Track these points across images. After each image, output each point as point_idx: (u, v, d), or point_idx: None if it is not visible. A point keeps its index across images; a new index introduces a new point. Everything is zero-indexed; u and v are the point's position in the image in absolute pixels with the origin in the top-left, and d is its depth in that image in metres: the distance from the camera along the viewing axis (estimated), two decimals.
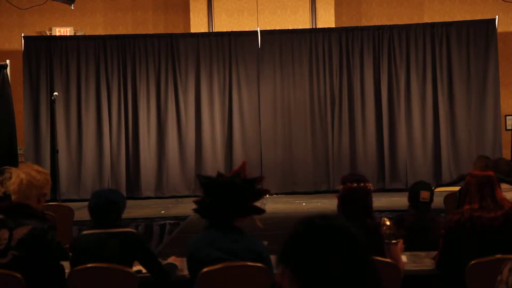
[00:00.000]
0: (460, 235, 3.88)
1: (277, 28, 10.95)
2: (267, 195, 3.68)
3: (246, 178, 3.42)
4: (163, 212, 8.98)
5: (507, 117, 11.33)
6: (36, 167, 3.75)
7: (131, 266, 3.91)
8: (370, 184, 3.95)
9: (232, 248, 3.38)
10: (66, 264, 4.00)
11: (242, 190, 3.37)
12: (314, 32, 10.92)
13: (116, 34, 11.25)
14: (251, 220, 3.45)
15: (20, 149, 10.63)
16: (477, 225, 3.85)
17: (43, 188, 3.71)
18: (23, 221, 3.56)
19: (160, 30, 11.51)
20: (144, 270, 4.01)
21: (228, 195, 3.33)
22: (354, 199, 3.88)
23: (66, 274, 3.84)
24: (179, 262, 4.14)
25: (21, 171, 3.68)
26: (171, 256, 4.33)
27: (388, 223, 3.95)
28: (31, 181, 3.64)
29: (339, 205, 3.95)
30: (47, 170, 10.52)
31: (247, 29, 10.94)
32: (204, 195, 3.37)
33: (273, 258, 3.58)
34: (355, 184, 3.90)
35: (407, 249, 4.40)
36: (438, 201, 7.63)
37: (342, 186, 3.94)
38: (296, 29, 10.91)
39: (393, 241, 3.91)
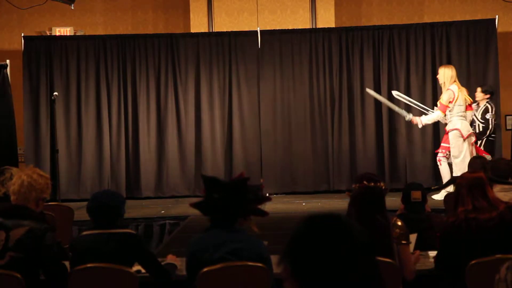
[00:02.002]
0: (456, 237, 3.89)
1: (277, 28, 10.95)
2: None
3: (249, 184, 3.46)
4: (163, 212, 8.98)
5: (507, 117, 11.33)
6: (38, 171, 3.77)
7: (131, 267, 3.91)
8: (383, 184, 3.97)
9: (234, 248, 3.38)
10: (66, 264, 4.00)
11: (247, 191, 3.38)
12: (314, 32, 10.91)
13: (116, 34, 11.25)
14: (249, 223, 3.46)
15: (20, 149, 10.62)
16: (473, 226, 3.86)
17: (43, 192, 3.72)
18: (20, 222, 3.57)
19: (160, 30, 11.51)
20: (143, 270, 4.01)
21: (234, 193, 3.34)
22: (367, 198, 3.89)
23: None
24: (177, 261, 4.15)
25: (23, 173, 3.70)
26: (168, 255, 4.33)
27: (399, 223, 3.95)
28: (32, 184, 3.65)
29: (350, 203, 3.97)
30: (47, 170, 10.58)
31: (247, 29, 10.93)
32: (210, 193, 3.38)
33: (273, 258, 3.58)
34: (372, 184, 3.91)
35: None
36: (438, 201, 7.65)
37: (357, 185, 3.96)
38: (296, 29, 10.90)
39: (403, 242, 3.91)
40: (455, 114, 8.88)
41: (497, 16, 10.58)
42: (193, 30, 11.14)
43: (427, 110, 9.39)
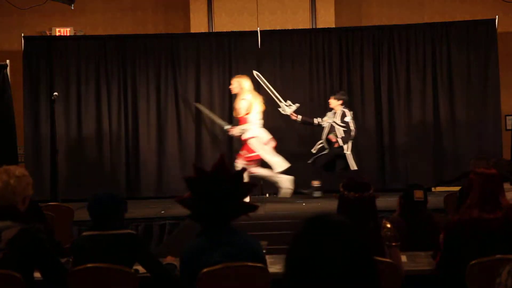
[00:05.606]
0: (460, 236, 3.88)
1: (277, 28, 10.95)
2: (263, 194, 3.66)
3: (231, 173, 3.39)
4: (163, 212, 8.97)
5: (507, 117, 11.32)
6: (15, 172, 3.69)
7: (131, 267, 3.92)
8: (372, 191, 3.91)
9: (229, 252, 3.35)
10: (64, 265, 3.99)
11: (232, 187, 3.33)
12: (314, 32, 10.91)
13: (116, 34, 11.24)
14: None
15: (20, 149, 10.62)
16: (477, 226, 3.85)
17: (25, 191, 3.70)
18: (10, 224, 3.57)
19: (160, 30, 11.51)
20: (143, 270, 4.01)
21: (221, 195, 3.30)
22: (356, 208, 3.83)
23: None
24: (177, 262, 4.14)
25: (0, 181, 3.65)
26: (167, 256, 4.33)
27: (388, 225, 3.95)
28: (12, 190, 3.63)
29: (341, 211, 3.91)
30: (47, 170, 10.54)
31: (247, 29, 10.93)
32: (196, 198, 3.33)
33: (273, 258, 3.58)
34: (358, 194, 3.85)
35: (405, 249, 4.40)
36: (438, 201, 7.65)
37: (344, 192, 3.88)
38: (296, 29, 10.90)
39: (394, 244, 3.91)
40: (253, 122, 9.08)
41: (497, 16, 10.58)
42: (193, 30, 11.13)
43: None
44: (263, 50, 10.77)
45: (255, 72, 9.96)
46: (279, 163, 9.17)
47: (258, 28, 10.83)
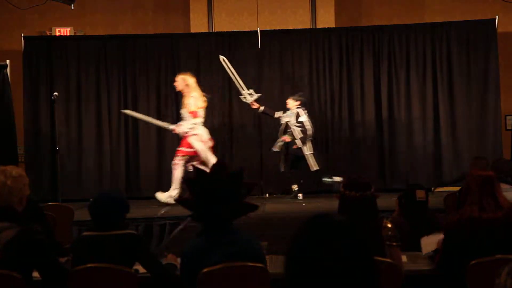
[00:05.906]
0: (460, 236, 3.88)
1: (277, 28, 10.95)
2: (262, 192, 3.66)
3: (230, 173, 3.39)
4: (163, 212, 8.97)
5: (507, 117, 11.32)
6: (11, 172, 3.69)
7: (131, 268, 3.92)
8: (373, 191, 3.91)
9: (229, 252, 3.35)
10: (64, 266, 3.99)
11: (232, 187, 3.32)
12: (314, 32, 10.91)
13: (116, 34, 11.24)
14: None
15: (20, 149, 10.62)
16: (477, 226, 3.85)
17: (22, 192, 3.70)
18: (8, 225, 3.56)
19: (160, 30, 11.50)
20: (143, 270, 4.01)
21: (221, 196, 3.29)
22: (357, 208, 3.84)
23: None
24: (177, 261, 4.14)
25: None
26: (169, 254, 4.33)
27: (389, 225, 3.94)
28: (9, 191, 3.63)
29: (342, 210, 3.91)
30: (47, 170, 10.51)
31: (247, 29, 10.93)
32: (196, 199, 3.33)
33: (273, 258, 3.58)
34: (359, 194, 3.85)
35: (406, 249, 4.40)
36: (438, 201, 7.65)
37: (345, 192, 3.89)
38: (296, 29, 10.90)
39: (394, 244, 3.91)
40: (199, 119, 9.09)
41: (497, 16, 10.58)
42: (193, 30, 11.14)
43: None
44: (263, 50, 10.77)
45: (221, 57, 9.89)
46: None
47: (258, 28, 10.83)
